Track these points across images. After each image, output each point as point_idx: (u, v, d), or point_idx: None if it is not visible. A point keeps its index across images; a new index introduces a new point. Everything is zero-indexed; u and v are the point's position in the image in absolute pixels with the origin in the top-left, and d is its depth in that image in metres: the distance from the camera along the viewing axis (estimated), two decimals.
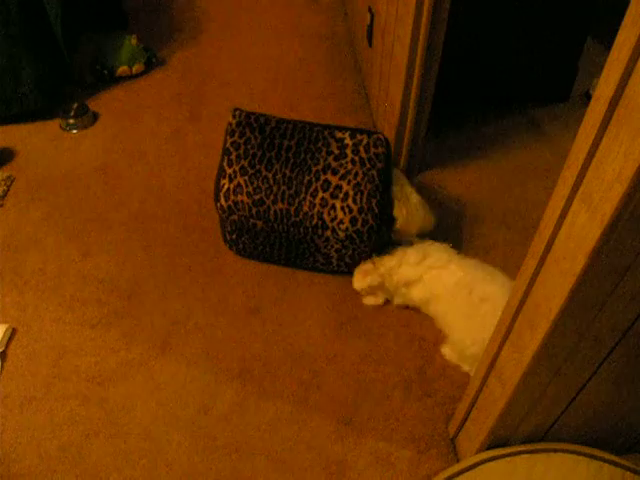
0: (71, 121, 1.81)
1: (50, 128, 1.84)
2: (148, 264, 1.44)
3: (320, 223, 1.29)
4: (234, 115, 1.36)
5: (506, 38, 1.72)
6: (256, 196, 1.30)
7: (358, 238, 1.29)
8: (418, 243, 1.36)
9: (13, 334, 1.29)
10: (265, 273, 1.43)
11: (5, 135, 1.80)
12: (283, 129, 1.35)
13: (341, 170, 1.30)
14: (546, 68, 1.84)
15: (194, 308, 1.35)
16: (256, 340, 1.29)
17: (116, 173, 1.69)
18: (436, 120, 1.61)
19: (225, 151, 1.33)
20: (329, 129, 1.35)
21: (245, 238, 1.39)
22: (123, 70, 1.99)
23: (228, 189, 1.31)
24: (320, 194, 1.29)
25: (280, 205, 1.30)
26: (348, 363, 1.26)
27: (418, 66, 1.38)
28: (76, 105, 1.83)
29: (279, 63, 2.11)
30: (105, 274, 1.42)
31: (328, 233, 1.30)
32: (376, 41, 1.71)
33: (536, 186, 1.66)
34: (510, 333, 0.85)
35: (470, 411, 1.04)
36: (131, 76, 2.03)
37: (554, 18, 1.69)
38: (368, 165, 1.30)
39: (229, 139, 1.34)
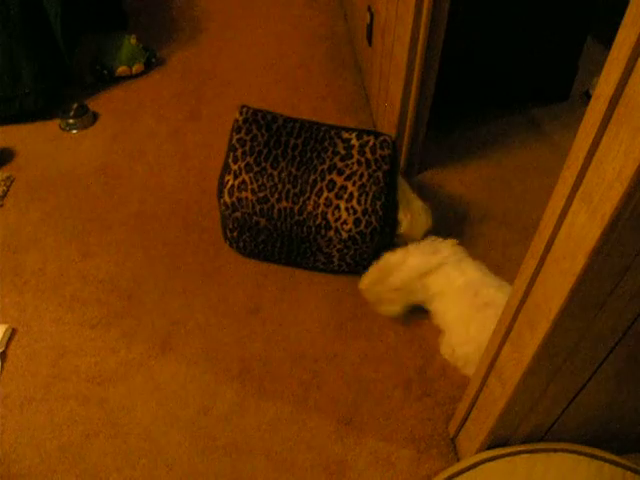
0: (71, 121, 1.81)
1: (50, 128, 1.83)
2: (148, 264, 1.44)
3: (324, 223, 1.29)
4: (241, 112, 1.36)
5: (506, 37, 1.71)
6: (260, 193, 1.30)
7: (361, 239, 1.29)
8: (425, 240, 1.34)
9: (13, 334, 1.29)
10: (265, 273, 1.43)
11: (5, 135, 1.79)
12: (290, 127, 1.35)
13: (347, 171, 1.29)
14: (546, 67, 1.83)
15: (194, 308, 1.35)
16: (256, 340, 1.29)
17: (116, 173, 1.69)
18: (436, 120, 1.61)
19: (231, 147, 1.33)
20: (336, 129, 1.35)
21: (246, 236, 1.39)
22: (123, 70, 1.99)
23: (232, 185, 1.31)
24: (325, 194, 1.29)
25: (284, 203, 1.29)
26: (348, 363, 1.26)
27: (418, 65, 1.38)
28: (76, 105, 1.83)
29: (279, 63, 2.11)
30: (105, 274, 1.42)
31: (331, 233, 1.30)
32: (376, 41, 1.71)
33: (536, 186, 1.65)
34: (510, 333, 0.85)
35: (470, 411, 1.04)
36: (131, 76, 2.02)
37: (554, 17, 1.69)
38: (374, 167, 1.29)
39: (235, 135, 1.33)
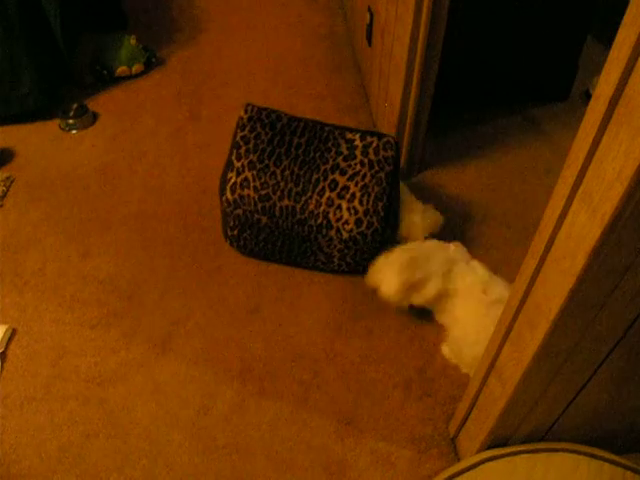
0: (71, 121, 1.81)
1: (49, 128, 1.83)
2: (148, 264, 1.44)
3: (325, 222, 1.29)
4: (246, 110, 1.36)
5: (506, 37, 1.71)
6: (263, 191, 1.30)
7: (362, 240, 1.29)
8: (428, 241, 1.35)
9: (13, 334, 1.29)
10: (265, 273, 1.43)
11: (5, 135, 1.79)
12: (294, 126, 1.35)
13: (349, 171, 1.29)
14: (546, 67, 1.83)
15: (194, 308, 1.35)
16: (256, 340, 1.29)
17: (116, 173, 1.69)
18: (436, 120, 1.61)
19: (234, 144, 1.33)
20: (340, 129, 1.35)
21: (247, 234, 1.38)
22: (122, 70, 1.99)
23: (235, 182, 1.31)
24: (327, 193, 1.29)
25: (286, 202, 1.29)
26: (348, 363, 1.26)
27: (418, 65, 1.38)
28: (75, 105, 1.83)
29: (279, 63, 2.11)
30: (105, 274, 1.42)
31: (332, 233, 1.30)
32: (375, 40, 1.71)
33: (536, 186, 1.65)
34: (510, 333, 0.85)
35: (470, 411, 1.04)
36: (131, 76, 2.02)
37: (554, 17, 1.69)
38: (377, 167, 1.30)
39: (239, 133, 1.34)
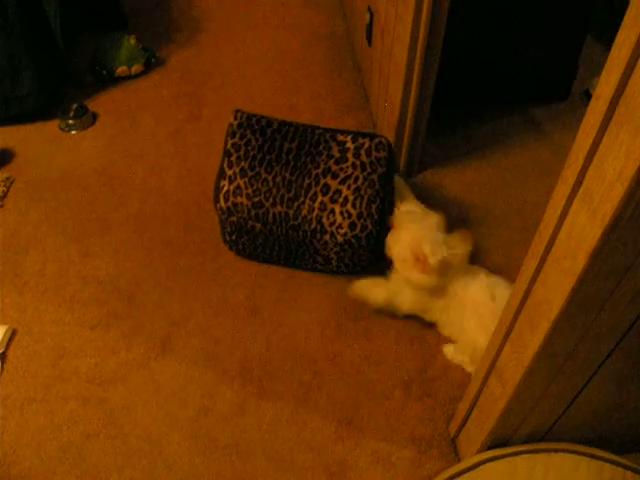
0: (70, 122, 1.81)
1: (49, 129, 1.83)
2: (148, 264, 1.44)
3: (319, 227, 1.28)
4: (235, 116, 1.35)
5: (506, 37, 1.71)
6: (255, 198, 1.29)
7: (357, 243, 1.29)
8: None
9: (13, 335, 1.29)
10: (265, 273, 1.43)
11: (4, 136, 1.79)
12: (284, 131, 1.34)
13: (341, 174, 1.28)
14: (546, 67, 1.83)
15: (194, 308, 1.35)
16: (256, 340, 1.29)
17: (115, 174, 1.69)
18: (436, 120, 1.60)
19: (226, 152, 1.33)
20: (331, 132, 1.34)
21: (244, 239, 1.38)
22: (122, 70, 1.99)
23: (228, 190, 1.30)
24: (319, 198, 1.28)
25: (279, 208, 1.29)
26: (348, 363, 1.25)
27: (418, 65, 1.38)
28: (75, 106, 1.82)
29: (278, 63, 2.11)
30: (105, 275, 1.42)
31: (327, 237, 1.29)
32: (375, 40, 1.71)
33: (536, 186, 1.65)
34: (510, 333, 0.85)
35: (471, 411, 1.04)
36: (130, 76, 2.02)
37: (554, 17, 1.69)
38: (369, 169, 1.28)
39: (230, 140, 1.33)
